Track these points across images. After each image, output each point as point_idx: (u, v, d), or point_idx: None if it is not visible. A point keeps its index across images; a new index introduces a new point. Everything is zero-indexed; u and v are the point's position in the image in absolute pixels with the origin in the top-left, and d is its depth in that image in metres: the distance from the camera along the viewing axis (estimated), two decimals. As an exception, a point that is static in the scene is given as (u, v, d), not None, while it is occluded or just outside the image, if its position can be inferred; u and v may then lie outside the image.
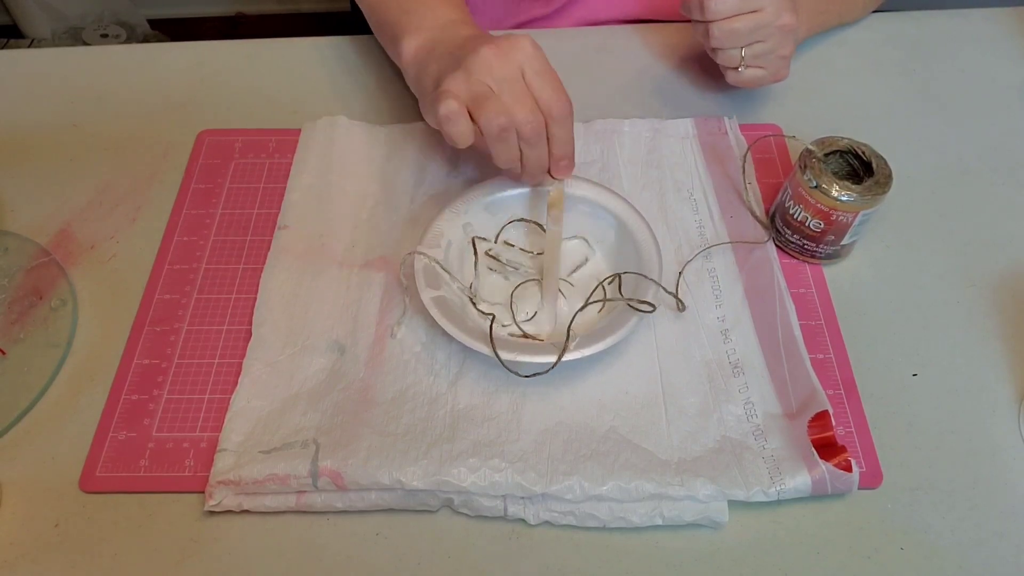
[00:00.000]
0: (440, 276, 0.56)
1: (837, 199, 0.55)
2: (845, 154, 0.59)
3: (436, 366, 0.55)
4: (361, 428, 0.51)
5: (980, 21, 0.79)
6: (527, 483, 0.49)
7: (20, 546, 0.50)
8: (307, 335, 0.57)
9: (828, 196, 0.56)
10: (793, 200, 0.58)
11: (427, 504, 0.50)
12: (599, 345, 0.52)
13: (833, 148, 0.59)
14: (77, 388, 0.56)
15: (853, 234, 0.58)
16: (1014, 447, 0.52)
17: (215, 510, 0.50)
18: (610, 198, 0.60)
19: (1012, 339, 0.57)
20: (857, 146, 0.58)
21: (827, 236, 0.58)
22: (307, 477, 0.49)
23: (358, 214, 0.64)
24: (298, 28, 1.90)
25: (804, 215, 0.58)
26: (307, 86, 0.75)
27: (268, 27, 1.97)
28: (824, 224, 0.57)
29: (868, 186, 0.56)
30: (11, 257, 0.62)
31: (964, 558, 0.48)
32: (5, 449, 0.53)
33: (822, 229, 0.58)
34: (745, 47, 0.62)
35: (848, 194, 0.55)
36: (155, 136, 0.71)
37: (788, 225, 0.60)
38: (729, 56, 0.63)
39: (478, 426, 0.52)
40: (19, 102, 0.74)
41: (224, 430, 0.52)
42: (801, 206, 0.58)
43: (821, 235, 0.58)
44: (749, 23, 0.60)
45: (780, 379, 0.54)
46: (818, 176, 0.56)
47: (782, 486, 0.49)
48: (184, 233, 0.64)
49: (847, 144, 0.58)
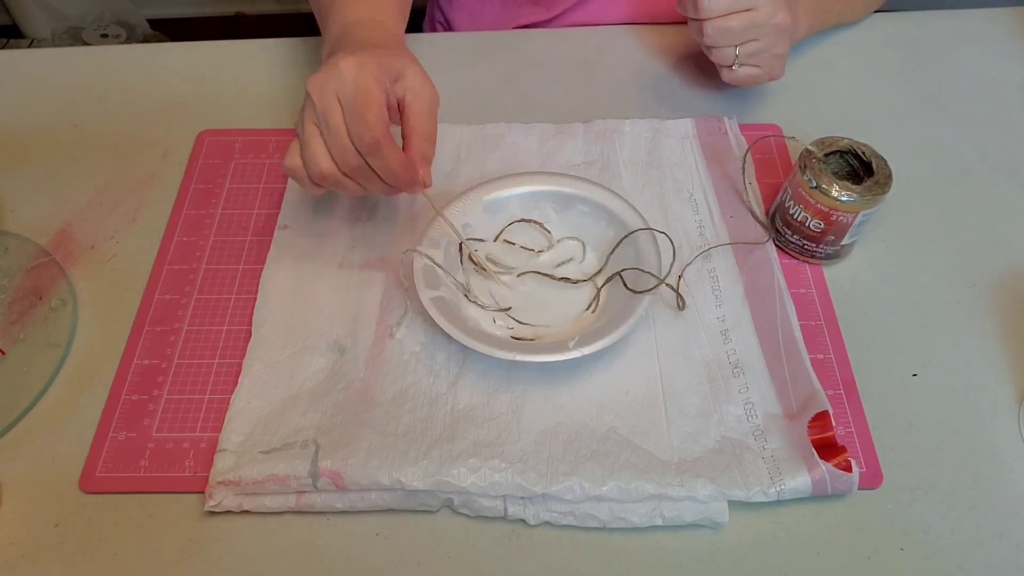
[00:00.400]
0: (439, 276, 0.56)
1: (837, 199, 0.55)
2: (845, 154, 0.59)
3: (436, 366, 0.55)
4: (361, 428, 0.51)
5: (980, 21, 0.79)
6: (527, 483, 0.49)
7: (20, 546, 0.50)
8: (307, 335, 0.57)
9: (828, 196, 0.56)
10: (793, 200, 0.58)
11: (427, 504, 0.50)
12: (602, 342, 0.52)
13: (833, 148, 0.58)
14: (77, 388, 0.56)
15: (853, 234, 0.58)
16: (1014, 447, 0.52)
17: (215, 510, 0.50)
18: (610, 198, 0.60)
19: (1012, 339, 0.57)
20: (857, 146, 0.58)
21: (827, 236, 0.58)
22: (307, 477, 0.49)
23: (358, 214, 0.64)
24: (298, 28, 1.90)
25: (804, 215, 0.58)
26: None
27: (268, 27, 1.97)
28: (824, 224, 0.57)
29: (868, 186, 0.56)
30: (11, 257, 0.62)
31: (964, 558, 0.48)
32: (5, 449, 0.53)
33: (822, 229, 0.57)
34: (739, 45, 0.62)
35: (848, 194, 0.55)
36: (155, 136, 0.71)
37: (788, 225, 0.60)
38: (723, 54, 0.63)
39: (478, 426, 0.52)
40: (19, 102, 0.74)
41: (224, 430, 0.52)
42: (801, 206, 0.58)
43: (821, 235, 0.58)
44: (743, 21, 0.60)
45: (780, 379, 0.54)
46: (818, 176, 0.56)
47: (782, 486, 0.49)
48: (184, 233, 0.64)
49: (847, 144, 0.58)
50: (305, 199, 0.64)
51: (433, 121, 0.54)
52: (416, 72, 0.53)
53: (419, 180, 0.52)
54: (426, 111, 0.53)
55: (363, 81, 0.49)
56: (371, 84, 0.49)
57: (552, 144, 0.68)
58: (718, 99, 0.73)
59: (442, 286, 0.55)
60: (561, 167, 0.66)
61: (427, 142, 0.53)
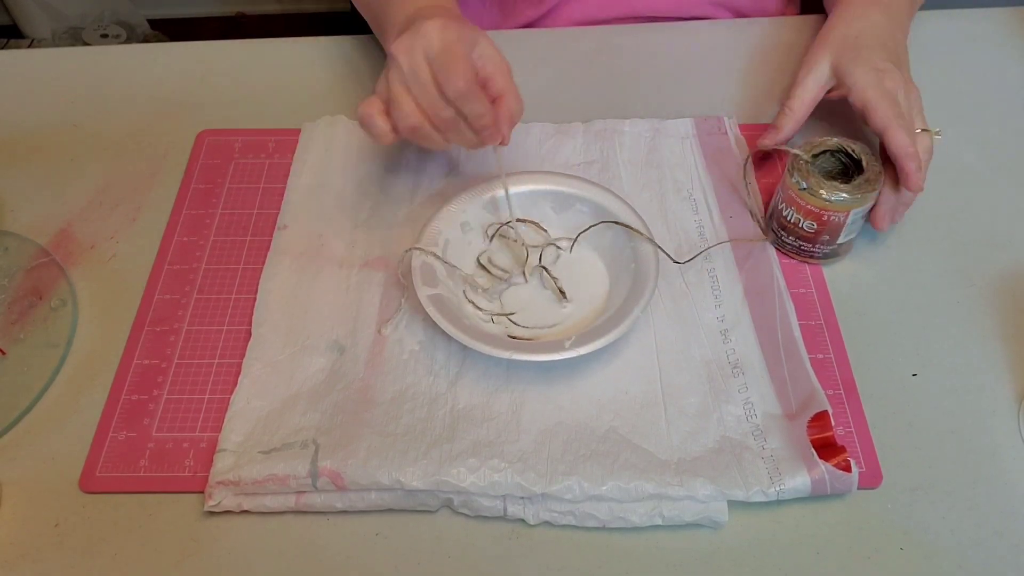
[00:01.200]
0: (437, 275, 0.56)
1: (827, 200, 0.55)
2: (836, 153, 0.59)
3: (436, 366, 0.55)
4: (361, 428, 0.51)
5: (980, 21, 0.79)
6: (527, 483, 0.49)
7: (20, 546, 0.50)
8: (307, 335, 0.57)
9: (817, 197, 0.55)
10: (785, 203, 0.58)
11: (427, 504, 0.50)
12: (599, 342, 0.52)
13: (823, 148, 0.58)
14: (77, 388, 0.56)
15: (848, 232, 0.58)
16: (1014, 447, 0.52)
17: (215, 510, 0.50)
18: (608, 198, 0.60)
19: (1012, 339, 0.57)
20: (847, 144, 0.58)
21: (822, 236, 0.58)
22: (307, 477, 0.49)
23: (357, 214, 0.64)
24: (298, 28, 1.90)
25: (797, 217, 0.58)
26: (307, 86, 0.75)
27: (268, 27, 1.97)
28: (817, 225, 0.57)
29: (858, 184, 0.55)
30: (11, 257, 0.62)
31: (964, 558, 0.48)
32: (5, 449, 0.53)
33: (816, 230, 0.57)
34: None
35: (837, 194, 0.55)
36: (155, 136, 0.71)
37: (783, 227, 0.60)
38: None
39: (478, 426, 0.52)
40: (19, 102, 0.74)
41: (224, 430, 0.52)
42: (793, 208, 0.58)
43: (816, 236, 0.58)
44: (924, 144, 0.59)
45: (780, 379, 0.54)
46: (806, 178, 0.56)
47: (782, 486, 0.49)
48: (184, 233, 0.64)
49: (836, 143, 0.58)
50: (305, 199, 0.64)
51: (513, 85, 0.56)
52: (488, 42, 0.55)
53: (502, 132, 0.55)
54: (507, 74, 0.55)
55: (448, 38, 0.52)
56: (455, 41, 0.52)
57: (551, 144, 0.68)
58: (718, 99, 0.73)
59: (440, 284, 0.55)
60: (560, 167, 0.66)
61: (516, 102, 0.55)
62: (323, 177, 0.66)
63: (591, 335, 0.52)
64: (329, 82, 0.75)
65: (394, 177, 0.66)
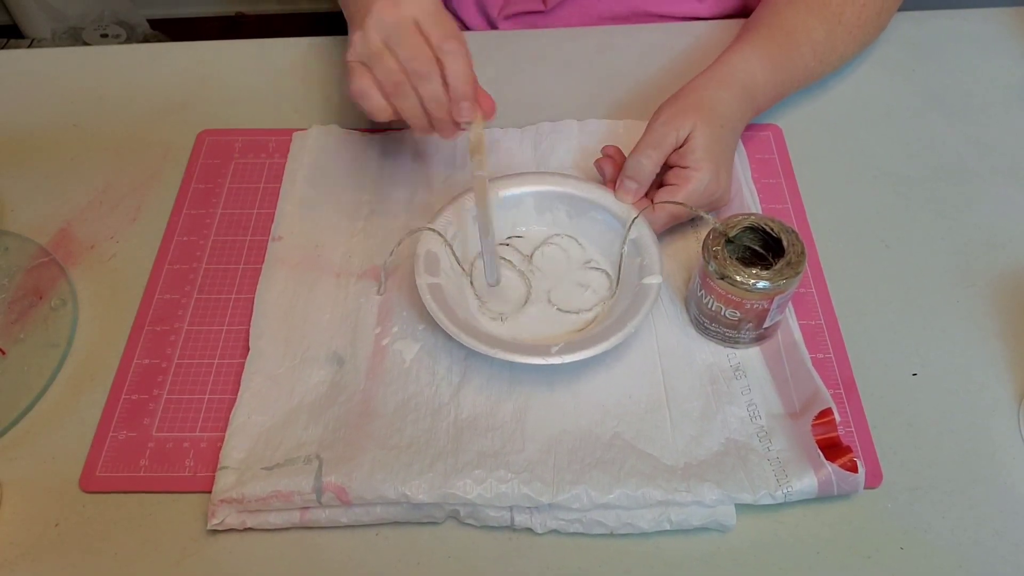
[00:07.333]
0: (440, 264, 0.55)
1: (747, 289, 0.50)
2: (756, 230, 0.54)
3: (437, 376, 0.54)
4: (364, 441, 0.51)
5: (980, 21, 0.79)
6: (534, 493, 0.48)
7: (20, 546, 0.50)
8: (306, 347, 0.56)
9: (736, 286, 0.51)
10: (704, 291, 0.53)
11: (433, 516, 0.49)
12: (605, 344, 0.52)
13: (741, 226, 0.53)
14: (77, 388, 0.56)
15: (775, 316, 0.53)
16: (1014, 447, 0.52)
17: (218, 528, 0.49)
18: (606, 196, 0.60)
19: (1012, 339, 0.57)
20: (763, 222, 0.53)
21: (745, 324, 0.53)
22: (311, 493, 0.48)
23: (353, 223, 0.63)
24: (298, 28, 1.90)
25: (717, 305, 0.53)
26: (307, 86, 0.75)
27: (268, 27, 1.96)
28: (740, 312, 0.52)
29: (779, 269, 0.50)
30: (11, 257, 0.62)
31: (964, 558, 0.48)
32: (5, 449, 0.53)
33: (739, 318, 0.53)
34: None
35: (757, 280, 0.50)
36: (155, 136, 0.71)
37: (704, 315, 0.55)
38: None
39: (482, 436, 0.51)
40: (19, 102, 0.74)
41: (225, 447, 0.51)
42: (712, 296, 0.53)
43: (739, 323, 0.53)
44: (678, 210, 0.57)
45: (782, 379, 0.54)
46: (722, 266, 0.51)
47: (789, 488, 0.48)
48: (184, 233, 0.64)
49: (753, 221, 0.53)
50: (298, 210, 0.63)
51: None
52: None
53: (477, 108, 0.54)
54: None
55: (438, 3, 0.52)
56: (440, 4, 0.52)
57: (547, 144, 0.68)
58: (718, 99, 0.72)
59: (441, 274, 0.55)
60: (556, 167, 0.66)
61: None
62: (316, 187, 0.65)
63: (600, 335, 0.52)
64: (329, 82, 0.75)
65: (389, 186, 0.66)
